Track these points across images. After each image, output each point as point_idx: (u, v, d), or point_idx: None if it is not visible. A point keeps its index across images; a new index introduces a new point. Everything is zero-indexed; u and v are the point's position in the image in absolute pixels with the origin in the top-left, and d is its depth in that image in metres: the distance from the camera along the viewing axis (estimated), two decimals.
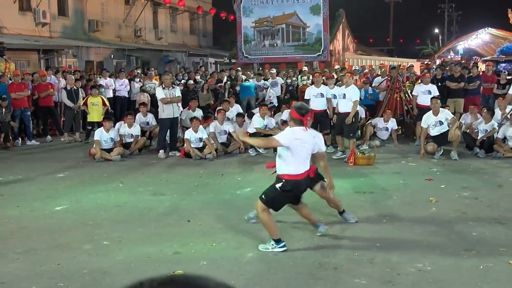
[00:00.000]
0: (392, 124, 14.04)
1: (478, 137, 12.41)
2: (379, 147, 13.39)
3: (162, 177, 10.80)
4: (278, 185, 6.25)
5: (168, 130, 13.24)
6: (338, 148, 12.37)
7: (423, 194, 8.91)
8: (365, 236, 6.83)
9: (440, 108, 12.23)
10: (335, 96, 12.57)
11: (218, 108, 14.80)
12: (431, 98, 12.51)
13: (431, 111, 12.20)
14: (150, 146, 14.36)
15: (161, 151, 13.09)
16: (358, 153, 11.80)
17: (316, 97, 12.79)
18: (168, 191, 9.57)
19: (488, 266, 5.78)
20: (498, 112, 13.11)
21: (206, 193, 9.35)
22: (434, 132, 12.15)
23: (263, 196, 6.31)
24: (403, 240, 6.66)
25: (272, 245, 6.25)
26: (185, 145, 12.90)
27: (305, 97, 13.33)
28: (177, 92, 13.27)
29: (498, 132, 12.34)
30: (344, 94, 11.93)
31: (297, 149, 6.15)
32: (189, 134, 12.84)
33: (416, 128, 13.86)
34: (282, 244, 6.24)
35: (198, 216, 7.90)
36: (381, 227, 7.24)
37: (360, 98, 15.67)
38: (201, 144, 12.84)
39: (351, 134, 11.96)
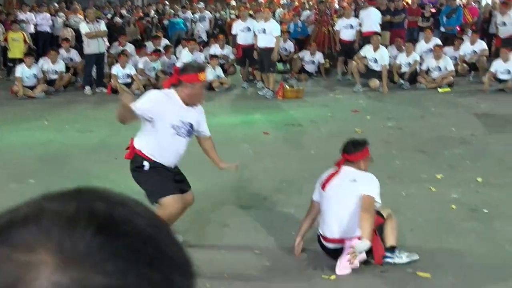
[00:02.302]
0: (319, 57, 14.12)
1: (402, 70, 12.65)
2: (307, 80, 13.52)
3: (89, 114, 10.59)
4: None
5: (94, 66, 12.91)
6: (265, 85, 12.27)
7: (349, 125, 9.10)
8: (294, 167, 6.96)
9: (381, 46, 12.20)
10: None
11: (144, 44, 14.49)
12: (373, 34, 12.47)
13: (371, 44, 12.23)
14: (75, 83, 13.96)
15: (87, 88, 12.77)
16: (287, 86, 11.86)
17: (243, 31, 12.63)
18: (96, 127, 9.40)
19: (410, 192, 6.04)
20: (423, 44, 13.43)
21: (136, 128, 9.20)
22: (371, 65, 12.23)
23: None
24: None
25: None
26: (112, 81, 12.62)
27: (232, 32, 13.17)
28: (102, 26, 12.87)
29: (421, 64, 12.63)
30: (264, 29, 11.74)
31: None
32: (116, 69, 12.54)
33: (338, 64, 13.93)
34: None
35: None
36: (309, 159, 7.39)
37: (289, 32, 15.70)
38: (129, 80, 12.59)
39: (270, 69, 11.91)
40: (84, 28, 12.61)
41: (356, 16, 15.05)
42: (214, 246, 4.96)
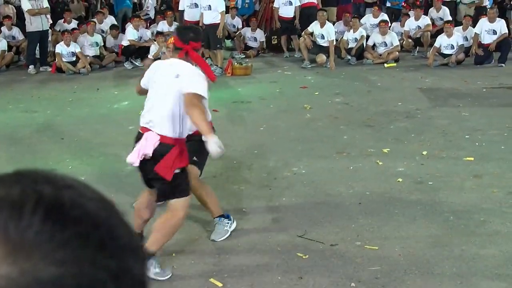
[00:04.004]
0: (260, 34, 14.12)
1: (349, 46, 12.78)
2: (255, 57, 13.52)
3: (33, 93, 10.34)
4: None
5: (38, 44, 12.58)
6: (213, 62, 12.18)
7: (298, 101, 9.17)
8: (243, 144, 6.98)
9: (327, 22, 12.30)
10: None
11: (89, 20, 14.19)
12: (318, 10, 12.54)
13: (317, 21, 12.28)
14: (18, 62, 13.61)
15: (31, 67, 12.44)
16: (236, 63, 11.84)
17: (190, 8, 12.48)
18: (41, 107, 9.20)
19: (357, 166, 6.14)
20: (371, 19, 13.62)
21: (82, 108, 9.10)
22: (318, 41, 12.30)
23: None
24: (280, 146, 6.89)
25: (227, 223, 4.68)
26: (56, 59, 12.34)
27: (179, 8, 13.00)
28: (45, 3, 12.52)
29: (368, 40, 12.79)
30: (209, 6, 11.64)
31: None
32: (60, 48, 12.25)
33: (282, 42, 13.94)
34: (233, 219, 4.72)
35: (74, 132, 7.72)
36: (259, 135, 7.43)
37: (237, 8, 15.61)
38: (74, 58, 12.33)
39: (217, 46, 11.84)
40: (26, 4, 12.25)
41: None
42: None
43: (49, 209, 0.51)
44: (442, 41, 12.06)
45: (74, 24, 13.92)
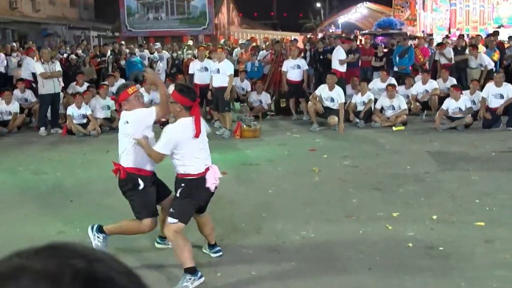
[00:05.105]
0: (265, 97, 14.31)
1: (358, 109, 12.90)
2: (264, 119, 13.63)
3: (43, 155, 10.42)
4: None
5: (49, 107, 12.77)
6: (222, 125, 12.33)
7: (306, 164, 9.18)
8: (251, 207, 6.96)
9: (336, 85, 12.46)
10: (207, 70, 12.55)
11: (101, 83, 14.42)
12: (328, 74, 12.72)
13: (326, 84, 12.44)
14: (30, 124, 13.78)
15: (42, 129, 12.61)
16: (244, 126, 11.94)
17: (200, 71, 12.73)
18: (51, 169, 9.25)
19: (367, 230, 6.09)
20: (379, 83, 13.79)
21: (91, 170, 9.14)
22: (326, 104, 12.42)
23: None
24: (288, 209, 6.86)
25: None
26: (67, 121, 12.49)
27: (189, 72, 13.25)
28: (57, 66, 12.80)
29: (375, 103, 12.89)
30: (218, 69, 11.88)
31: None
32: (71, 110, 12.43)
33: (290, 105, 14.12)
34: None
35: (83, 194, 7.72)
36: (267, 197, 7.41)
37: (246, 71, 15.86)
38: (84, 121, 12.48)
39: (226, 108, 12.02)
40: (39, 68, 12.50)
41: (312, 56, 15.35)
42: None
43: (86, 282, 0.55)
44: (449, 104, 12.14)
45: (86, 87, 14.15)
